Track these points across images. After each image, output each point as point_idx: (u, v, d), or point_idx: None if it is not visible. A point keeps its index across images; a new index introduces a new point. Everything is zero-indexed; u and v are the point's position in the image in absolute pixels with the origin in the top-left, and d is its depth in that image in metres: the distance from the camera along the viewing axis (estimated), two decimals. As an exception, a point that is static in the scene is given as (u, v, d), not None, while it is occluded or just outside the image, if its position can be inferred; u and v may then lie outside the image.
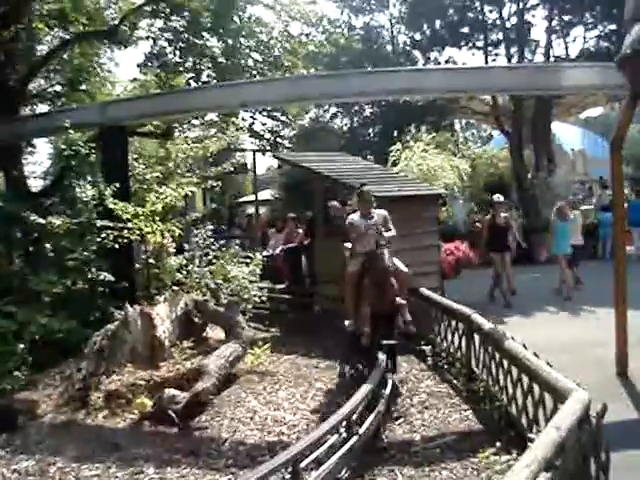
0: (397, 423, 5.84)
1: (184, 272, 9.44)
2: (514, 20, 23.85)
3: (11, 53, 16.19)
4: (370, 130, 28.69)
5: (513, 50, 23.63)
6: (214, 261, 9.48)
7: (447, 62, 25.84)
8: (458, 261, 12.50)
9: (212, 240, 9.83)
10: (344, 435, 4.93)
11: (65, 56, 18.43)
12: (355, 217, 7.28)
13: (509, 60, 23.24)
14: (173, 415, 6.01)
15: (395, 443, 5.43)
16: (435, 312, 8.02)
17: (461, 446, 5.25)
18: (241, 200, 28.25)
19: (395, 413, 6.07)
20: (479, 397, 6.17)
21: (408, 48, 27.73)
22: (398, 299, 6.83)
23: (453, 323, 7.32)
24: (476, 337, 6.50)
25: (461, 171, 17.65)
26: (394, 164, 17.06)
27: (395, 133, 23.31)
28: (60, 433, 6.06)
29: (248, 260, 9.70)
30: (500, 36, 24.18)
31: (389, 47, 28.71)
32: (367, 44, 27.68)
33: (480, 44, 24.67)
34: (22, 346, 7.42)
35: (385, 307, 6.72)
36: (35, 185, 17.53)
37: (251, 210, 25.62)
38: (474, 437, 5.41)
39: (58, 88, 20.65)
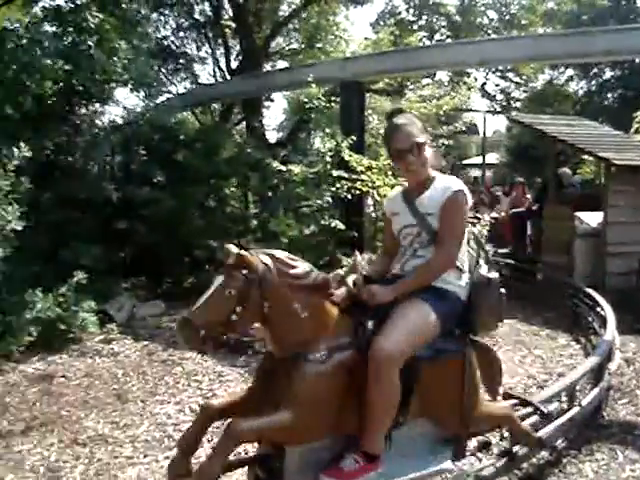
0: (620, 403, 5.52)
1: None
2: None
3: (258, 14, 17.35)
4: (609, 95, 26.57)
5: None
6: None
7: None
8: None
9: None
10: (564, 405, 4.78)
11: (304, 15, 19.32)
12: (392, 196, 3.35)
13: None
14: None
15: (617, 422, 5.11)
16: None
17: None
18: (465, 162, 27.78)
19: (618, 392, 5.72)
20: None
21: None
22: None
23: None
24: None
25: None
26: (637, 132, 15.71)
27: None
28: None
29: (475, 221, 9.61)
30: None
31: (640, 2, 26.15)
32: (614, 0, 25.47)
33: None
34: (260, 282, 8.02)
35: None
36: (269, 137, 18.80)
37: (473, 173, 25.17)
38: None
39: (295, 46, 21.80)
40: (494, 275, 3.11)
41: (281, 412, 2.61)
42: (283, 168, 8.97)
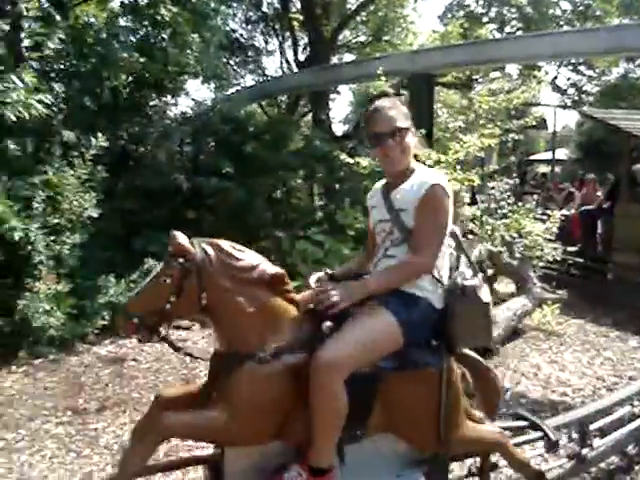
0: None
1: (477, 222, 9.45)
2: None
3: (326, 7, 17.39)
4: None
5: None
6: (509, 215, 9.37)
7: None
8: None
9: (508, 194, 9.69)
10: (637, 409, 4.64)
11: (372, 8, 19.27)
12: (375, 187, 2.92)
13: None
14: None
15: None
16: None
17: None
18: (532, 158, 27.17)
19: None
20: None
21: None
22: None
23: None
24: None
25: None
26: None
27: None
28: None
29: (544, 217, 9.42)
30: None
31: None
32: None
33: None
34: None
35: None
36: (335, 130, 18.83)
37: (541, 169, 24.63)
38: None
39: (362, 39, 21.79)
40: (472, 282, 2.66)
41: (214, 411, 2.45)
42: (350, 161, 8.97)
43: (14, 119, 6.10)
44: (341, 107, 49.42)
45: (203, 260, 2.44)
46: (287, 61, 21.05)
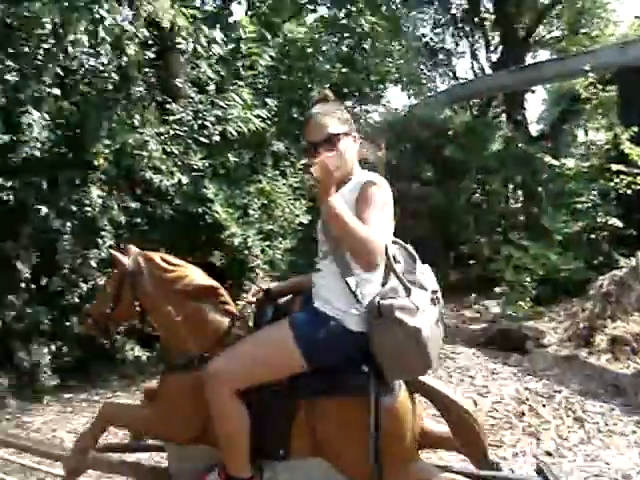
0: None
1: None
2: None
3: (519, 3, 16.94)
4: None
5: None
6: None
7: None
8: None
9: None
10: None
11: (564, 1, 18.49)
12: None
13: None
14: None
15: None
16: None
17: None
18: None
19: None
20: None
21: None
22: None
23: None
24: None
25: None
26: None
27: None
28: (563, 365, 6.31)
29: None
30: None
31: None
32: None
33: None
34: (528, 279, 7.89)
35: None
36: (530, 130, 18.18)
37: None
38: None
39: (557, 33, 20.85)
40: (392, 302, 2.26)
41: (147, 405, 2.81)
42: (555, 162, 8.64)
43: (235, 134, 6.62)
44: (534, 106, 47.19)
45: (134, 271, 2.72)
46: (478, 62, 20.72)
